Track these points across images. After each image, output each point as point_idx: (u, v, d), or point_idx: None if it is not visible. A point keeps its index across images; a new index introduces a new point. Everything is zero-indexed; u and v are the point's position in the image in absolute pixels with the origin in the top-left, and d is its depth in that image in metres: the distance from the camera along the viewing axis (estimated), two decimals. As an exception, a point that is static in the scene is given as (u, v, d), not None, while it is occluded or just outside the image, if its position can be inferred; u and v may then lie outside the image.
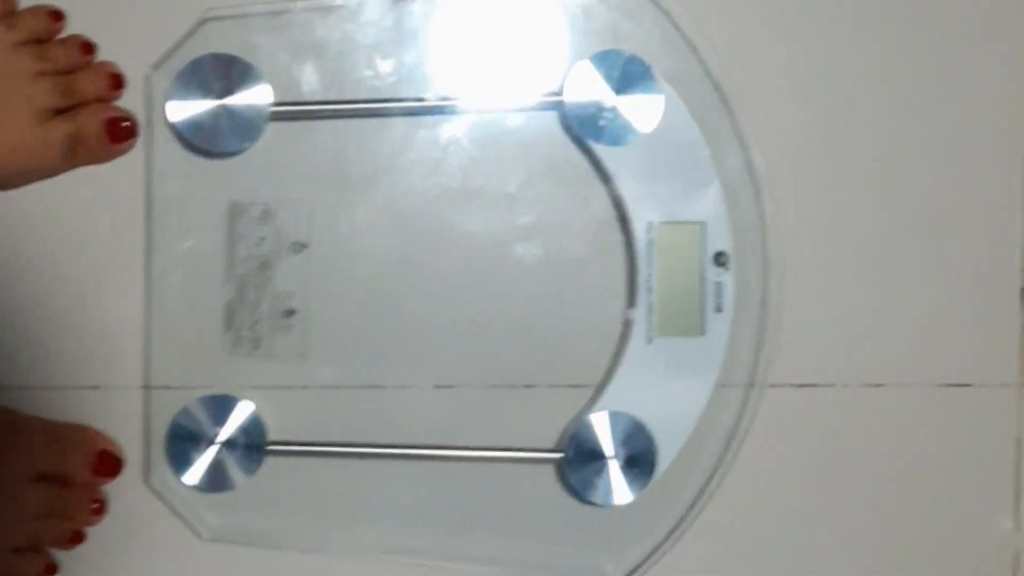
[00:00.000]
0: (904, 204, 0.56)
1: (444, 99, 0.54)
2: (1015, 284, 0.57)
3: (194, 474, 0.53)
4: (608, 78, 0.53)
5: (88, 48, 0.51)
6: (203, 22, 0.53)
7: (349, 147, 0.54)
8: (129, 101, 0.53)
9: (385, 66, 0.53)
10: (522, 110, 0.54)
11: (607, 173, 0.54)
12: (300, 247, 0.54)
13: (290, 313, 0.54)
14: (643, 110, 0.53)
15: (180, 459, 0.53)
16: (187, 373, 0.54)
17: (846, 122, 0.56)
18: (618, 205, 0.55)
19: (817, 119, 0.56)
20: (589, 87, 0.53)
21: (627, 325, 0.55)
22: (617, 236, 0.55)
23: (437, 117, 0.54)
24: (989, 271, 0.57)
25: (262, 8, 0.53)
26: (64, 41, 0.51)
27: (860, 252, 0.56)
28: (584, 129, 0.53)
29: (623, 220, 0.55)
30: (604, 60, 0.53)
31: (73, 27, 0.52)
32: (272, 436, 0.54)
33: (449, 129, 0.54)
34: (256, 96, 0.52)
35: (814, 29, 0.56)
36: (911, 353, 0.57)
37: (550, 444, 0.55)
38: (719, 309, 0.54)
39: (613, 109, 0.53)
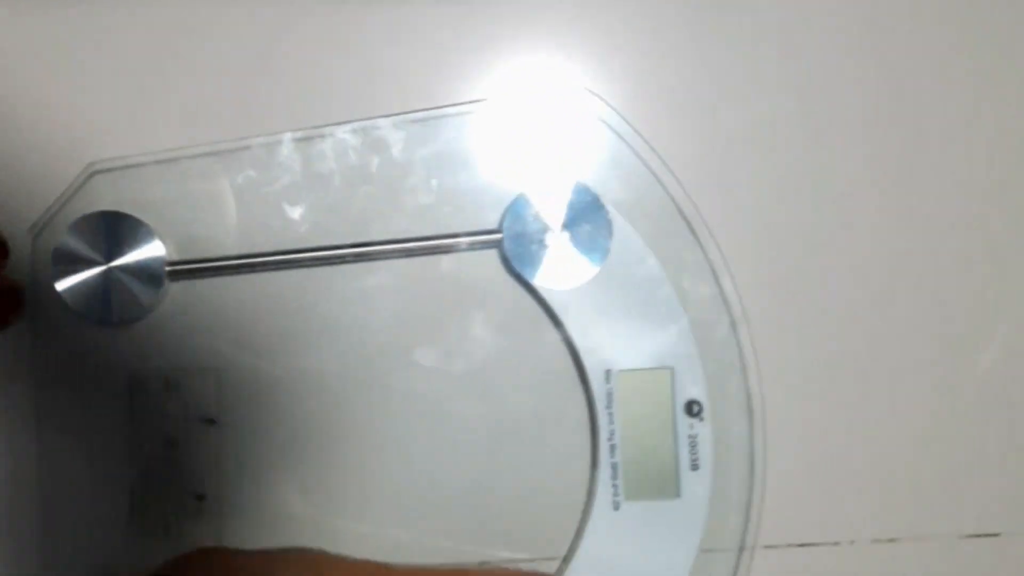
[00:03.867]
0: (907, 332, 0.49)
1: (365, 245, 0.47)
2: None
3: None
4: (549, 211, 0.46)
5: None
6: (91, 175, 0.47)
7: (259, 305, 0.47)
8: (10, 269, 0.47)
9: (295, 212, 0.47)
10: (456, 251, 0.48)
11: (556, 316, 0.47)
12: (208, 423, 0.47)
13: (200, 497, 0.47)
14: (592, 243, 0.46)
15: (85, 670, 0.46)
16: (90, 569, 0.47)
17: (831, 242, 0.49)
18: (573, 352, 0.48)
19: (797, 239, 0.49)
20: (529, 221, 0.46)
21: (590, 490, 0.47)
22: (576, 387, 0.48)
23: (359, 265, 0.48)
24: (1013, 401, 0.49)
25: (154, 157, 0.47)
26: None
27: (859, 389, 0.49)
28: (526, 268, 0.47)
29: (580, 369, 0.48)
30: (545, 190, 0.47)
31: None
32: (188, 639, 0.47)
33: (374, 279, 0.48)
34: (150, 254, 0.46)
35: (788, 139, 0.49)
36: (927, 501, 0.49)
37: (509, 633, 0.48)
38: (695, 467, 0.47)
39: (558, 244, 0.46)
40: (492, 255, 0.48)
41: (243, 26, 0.48)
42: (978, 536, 0.49)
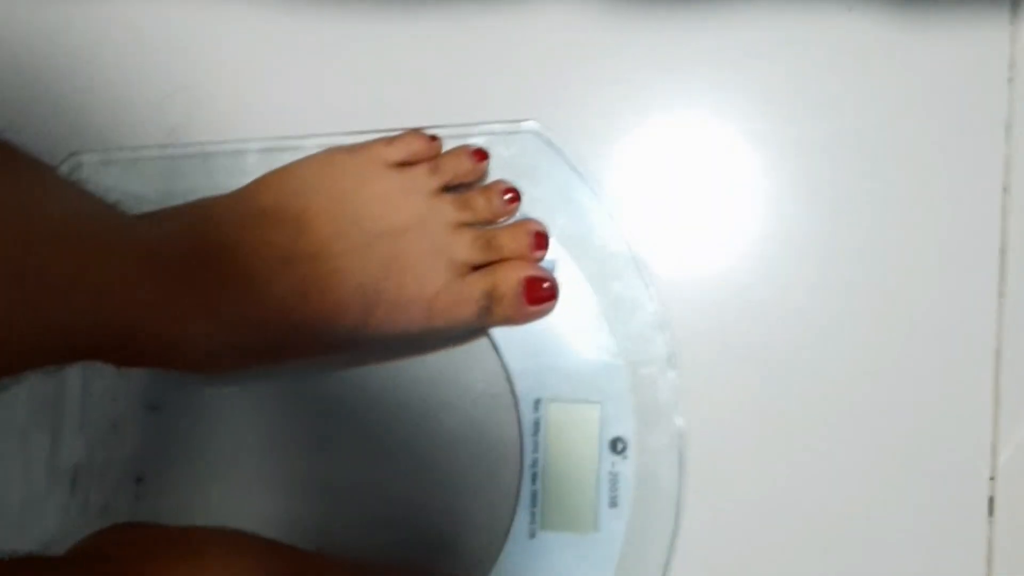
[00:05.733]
0: (844, 390, 0.49)
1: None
2: (983, 492, 0.49)
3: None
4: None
5: (513, 197, 0.48)
6: (74, 165, 0.50)
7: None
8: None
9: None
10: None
11: (494, 341, 0.49)
12: (152, 409, 0.49)
13: (139, 480, 0.49)
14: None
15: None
16: (30, 538, 0.50)
17: (767, 294, 0.49)
18: (509, 378, 0.49)
19: (733, 289, 0.49)
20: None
21: (511, 516, 0.48)
22: (511, 413, 0.49)
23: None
24: (951, 474, 0.49)
25: (133, 153, 0.50)
26: (486, 189, 0.48)
27: (790, 443, 0.49)
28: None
29: (514, 395, 0.49)
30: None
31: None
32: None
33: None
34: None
35: (733, 191, 0.50)
36: (857, 567, 0.49)
37: (419, 647, 0.49)
38: (614, 503, 0.48)
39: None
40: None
41: (225, 35, 0.51)
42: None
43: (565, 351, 0.48)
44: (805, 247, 0.49)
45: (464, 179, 0.48)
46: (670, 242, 0.49)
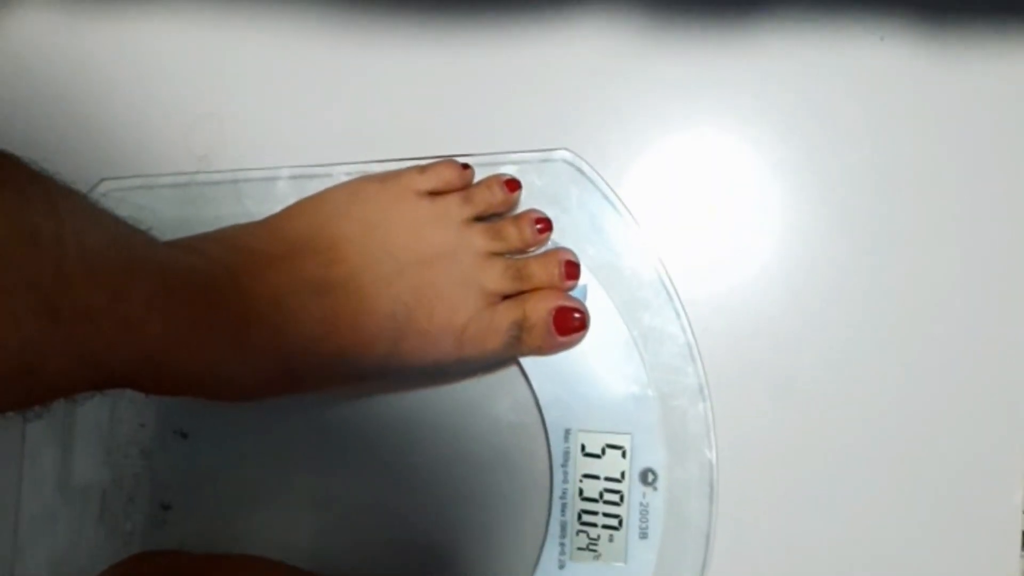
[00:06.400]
0: (875, 423, 0.49)
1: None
2: (1016, 526, 0.48)
3: None
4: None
5: (544, 226, 0.48)
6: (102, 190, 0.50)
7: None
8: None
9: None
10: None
11: (524, 371, 0.48)
12: (181, 436, 0.49)
13: (166, 507, 0.49)
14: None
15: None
16: (55, 568, 0.49)
17: (799, 324, 0.49)
18: (539, 408, 0.49)
19: (764, 320, 0.49)
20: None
21: (540, 546, 0.48)
22: (541, 443, 0.49)
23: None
24: (982, 507, 0.48)
25: (161, 180, 0.49)
26: (517, 218, 0.48)
27: (821, 475, 0.49)
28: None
29: (544, 425, 0.49)
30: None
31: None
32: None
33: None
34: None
35: (766, 218, 0.49)
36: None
37: None
38: (644, 535, 0.47)
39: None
40: (470, 305, 0.49)
41: (247, 65, 0.51)
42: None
43: (595, 381, 0.48)
44: (839, 279, 0.49)
45: (496, 209, 0.47)
46: (702, 272, 0.49)
